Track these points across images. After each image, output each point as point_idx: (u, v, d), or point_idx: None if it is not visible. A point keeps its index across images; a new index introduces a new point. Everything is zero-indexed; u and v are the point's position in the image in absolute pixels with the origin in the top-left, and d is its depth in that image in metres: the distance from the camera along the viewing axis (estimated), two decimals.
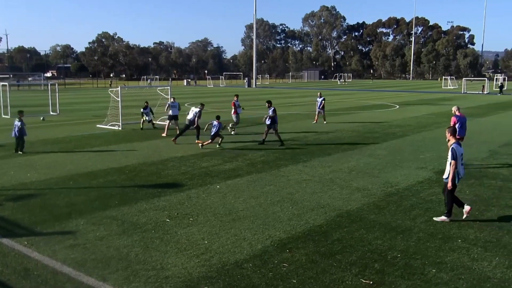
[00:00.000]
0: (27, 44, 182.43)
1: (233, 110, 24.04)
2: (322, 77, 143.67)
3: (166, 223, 9.46)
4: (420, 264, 7.49)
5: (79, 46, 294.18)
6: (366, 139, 20.77)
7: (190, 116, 19.92)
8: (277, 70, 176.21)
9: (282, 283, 6.83)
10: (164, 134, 22.03)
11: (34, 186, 12.38)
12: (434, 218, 9.76)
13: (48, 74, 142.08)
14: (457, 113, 15.23)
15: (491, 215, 10.03)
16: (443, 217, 9.70)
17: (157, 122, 26.17)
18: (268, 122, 19.29)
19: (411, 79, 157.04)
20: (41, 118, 29.84)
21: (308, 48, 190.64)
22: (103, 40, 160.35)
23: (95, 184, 12.63)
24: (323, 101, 27.41)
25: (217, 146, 18.48)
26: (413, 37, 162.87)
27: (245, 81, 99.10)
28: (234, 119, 23.81)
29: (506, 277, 7.08)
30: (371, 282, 6.86)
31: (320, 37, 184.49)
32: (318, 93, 28.85)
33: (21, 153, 17.23)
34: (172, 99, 23.11)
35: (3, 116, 31.92)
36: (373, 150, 18.12)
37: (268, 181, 12.93)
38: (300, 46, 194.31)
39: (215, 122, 18.39)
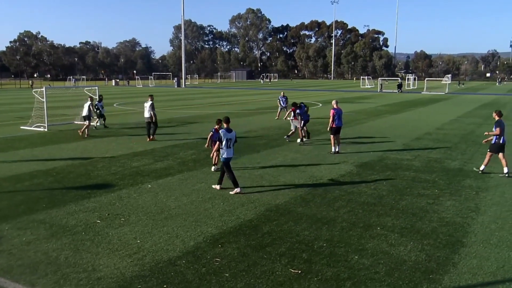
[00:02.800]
0: None
1: None
2: (261, 77, 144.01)
3: (96, 224, 9.12)
4: (344, 252, 7.79)
5: (0, 45, 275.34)
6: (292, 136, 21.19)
7: (146, 113, 19.66)
8: (206, 70, 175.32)
9: (215, 277, 6.83)
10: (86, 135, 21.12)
11: None
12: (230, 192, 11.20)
13: None
14: (335, 106, 17.24)
15: (405, 204, 10.63)
16: (236, 190, 11.29)
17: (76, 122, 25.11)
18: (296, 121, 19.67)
19: (332, 79, 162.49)
20: None
21: (236, 49, 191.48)
22: (26, 39, 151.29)
23: (20, 188, 11.90)
24: (285, 100, 29.33)
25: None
26: (333, 40, 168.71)
27: (175, 81, 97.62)
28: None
29: (419, 259, 7.54)
30: (300, 271, 7.03)
31: (247, 39, 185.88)
32: (282, 92, 30.68)
33: None
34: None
35: None
36: (299, 146, 18.56)
37: (199, 179, 12.85)
38: (228, 47, 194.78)
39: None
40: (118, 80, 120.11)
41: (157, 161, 15.41)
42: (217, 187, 11.82)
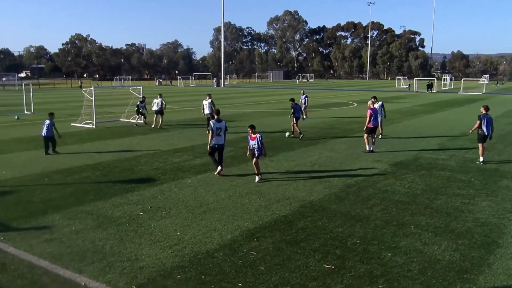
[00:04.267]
0: (1, 45, 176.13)
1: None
2: (297, 77, 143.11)
3: (140, 216, 9.33)
4: (377, 249, 7.66)
5: (53, 47, 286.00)
6: (327, 135, 21.03)
7: (206, 110, 21.91)
8: (244, 70, 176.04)
9: (251, 270, 6.86)
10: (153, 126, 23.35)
11: (9, 184, 11.98)
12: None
13: (22, 75, 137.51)
14: (371, 106, 17.01)
15: (440, 203, 10.34)
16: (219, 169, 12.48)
17: (122, 120, 25.74)
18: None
19: (367, 79, 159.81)
20: (16, 117, 28.86)
21: (273, 50, 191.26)
22: (77, 41, 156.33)
23: (70, 181, 12.33)
24: (306, 98, 28.55)
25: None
26: (369, 40, 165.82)
27: (214, 81, 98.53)
28: None
29: (453, 259, 7.32)
30: (333, 267, 6.96)
31: (284, 40, 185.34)
32: (302, 91, 30.05)
33: (56, 153, 16.31)
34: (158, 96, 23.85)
35: None
36: (334, 144, 18.37)
37: (236, 175, 12.92)
38: (266, 48, 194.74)
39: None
40: (161, 80, 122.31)
41: (196, 157, 15.61)
42: (218, 170, 12.91)
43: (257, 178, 12.18)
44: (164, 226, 8.75)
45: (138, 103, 24.71)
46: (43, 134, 16.26)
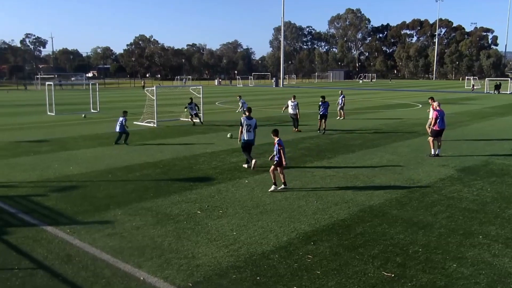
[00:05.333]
0: (71, 46, 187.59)
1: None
2: (360, 77, 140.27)
3: (197, 214, 9.55)
4: (441, 259, 7.35)
5: (118, 48, 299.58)
6: (389, 137, 20.47)
7: (291, 110, 22.50)
8: (304, 70, 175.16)
9: (307, 273, 6.81)
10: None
11: (76, 179, 12.69)
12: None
13: (89, 75, 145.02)
14: (437, 108, 16.31)
15: None
16: (251, 163, 12.93)
17: (182, 119, 26.39)
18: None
19: (434, 79, 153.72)
20: (83, 116, 30.51)
21: (334, 49, 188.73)
22: (140, 42, 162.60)
23: (132, 177, 12.86)
24: (343, 99, 28.27)
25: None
26: (436, 39, 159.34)
27: (273, 81, 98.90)
28: None
29: None
30: (393, 275, 6.76)
31: (345, 39, 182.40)
32: (340, 91, 29.65)
33: (127, 144, 18.35)
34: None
35: (48, 113, 32.76)
36: (396, 147, 17.84)
37: (294, 177, 12.89)
38: (326, 47, 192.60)
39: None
40: (220, 80, 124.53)
41: (253, 157, 15.71)
42: (245, 165, 13.85)
43: (272, 187, 11.32)
44: (221, 225, 8.89)
45: (186, 104, 25.25)
46: (116, 130, 18.78)
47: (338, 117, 28.26)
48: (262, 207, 10.08)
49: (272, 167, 11.45)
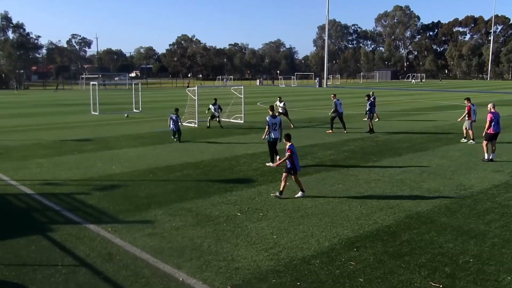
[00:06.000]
0: (115, 47, 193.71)
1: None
2: (413, 77, 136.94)
3: (237, 216, 9.62)
4: (494, 270, 7.06)
5: (161, 48, 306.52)
6: (438, 140, 19.89)
7: (340, 108, 22.60)
8: (349, 70, 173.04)
9: (349, 281, 6.72)
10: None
11: (118, 178, 13.07)
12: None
13: (132, 74, 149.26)
14: (492, 110, 15.75)
15: None
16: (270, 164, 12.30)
17: (231, 120, 26.63)
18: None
19: (488, 79, 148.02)
20: (125, 115, 31.39)
21: (380, 48, 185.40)
22: (183, 42, 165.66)
23: (173, 178, 13.10)
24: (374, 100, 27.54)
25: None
26: (492, 36, 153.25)
27: (316, 81, 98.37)
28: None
29: None
30: (441, 286, 6.56)
31: (393, 37, 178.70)
32: (371, 92, 29.05)
33: (178, 142, 19.30)
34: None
35: (92, 113, 33.94)
36: (446, 151, 17.30)
37: (337, 180, 12.76)
38: (372, 46, 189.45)
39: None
40: (262, 80, 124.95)
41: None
42: (271, 164, 14.20)
43: (277, 193, 11.04)
44: (261, 228, 8.91)
45: (210, 105, 24.93)
46: (171, 128, 19.75)
47: (376, 119, 27.81)
48: (303, 210, 10.03)
49: (284, 174, 10.97)
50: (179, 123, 20.13)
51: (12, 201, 10.94)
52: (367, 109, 25.21)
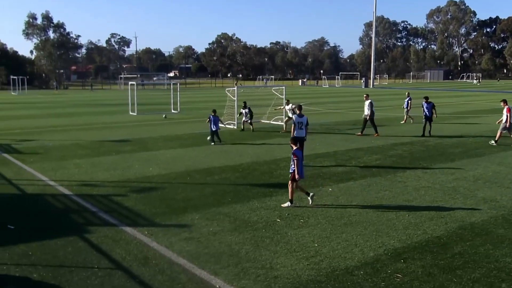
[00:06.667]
0: (153, 46, 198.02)
1: None
2: (477, 78, 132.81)
3: (276, 223, 9.60)
4: None
5: (200, 47, 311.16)
6: (495, 145, 19.19)
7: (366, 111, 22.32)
8: (397, 69, 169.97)
9: None
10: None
11: (155, 180, 13.33)
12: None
13: (171, 74, 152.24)
14: None
15: None
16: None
17: (271, 122, 26.67)
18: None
19: None
20: (163, 116, 32.02)
21: (432, 46, 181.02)
22: (222, 41, 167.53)
23: (210, 181, 13.24)
24: (409, 101, 27.75)
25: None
26: None
27: (362, 81, 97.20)
28: None
29: None
30: None
31: (446, 34, 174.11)
32: (406, 93, 29.13)
33: (217, 143, 19.67)
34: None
35: (130, 113, 34.81)
36: (504, 157, 16.67)
37: (383, 186, 12.53)
38: (423, 44, 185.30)
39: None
40: (305, 80, 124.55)
41: (339, 164, 15.52)
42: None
43: (287, 203, 10.70)
44: (301, 235, 8.87)
45: (241, 109, 24.85)
46: (213, 129, 19.82)
47: (403, 121, 27.93)
48: (347, 218, 9.91)
49: (290, 181, 10.70)
50: (219, 124, 20.34)
51: (50, 201, 11.36)
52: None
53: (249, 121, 24.39)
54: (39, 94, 70.71)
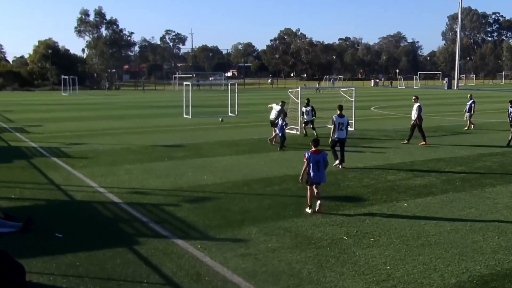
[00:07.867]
0: (210, 43, 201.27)
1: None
2: None
3: (343, 241, 9.49)
4: None
5: (261, 44, 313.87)
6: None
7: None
8: (487, 69, 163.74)
9: None
10: None
11: (210, 189, 13.56)
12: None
13: (229, 74, 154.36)
14: None
15: None
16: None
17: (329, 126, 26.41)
18: None
19: None
20: (220, 119, 32.53)
21: None
22: (285, 37, 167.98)
23: (269, 192, 13.30)
24: (472, 104, 27.50)
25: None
26: None
27: (445, 81, 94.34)
28: None
29: None
30: None
31: None
32: (469, 95, 29.03)
33: (278, 149, 20.16)
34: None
35: (185, 116, 35.63)
36: None
37: (468, 203, 12.09)
38: None
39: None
40: (378, 80, 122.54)
41: (416, 176, 15.14)
42: (336, 163, 16.11)
43: (307, 209, 11.31)
44: (371, 256, 8.71)
45: (303, 108, 24.80)
46: (279, 134, 20.65)
47: (466, 127, 27.28)
48: (425, 238, 9.63)
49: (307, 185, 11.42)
50: (284, 128, 20.77)
51: (99, 209, 11.84)
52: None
53: (311, 125, 24.31)
54: (90, 95, 73.98)
